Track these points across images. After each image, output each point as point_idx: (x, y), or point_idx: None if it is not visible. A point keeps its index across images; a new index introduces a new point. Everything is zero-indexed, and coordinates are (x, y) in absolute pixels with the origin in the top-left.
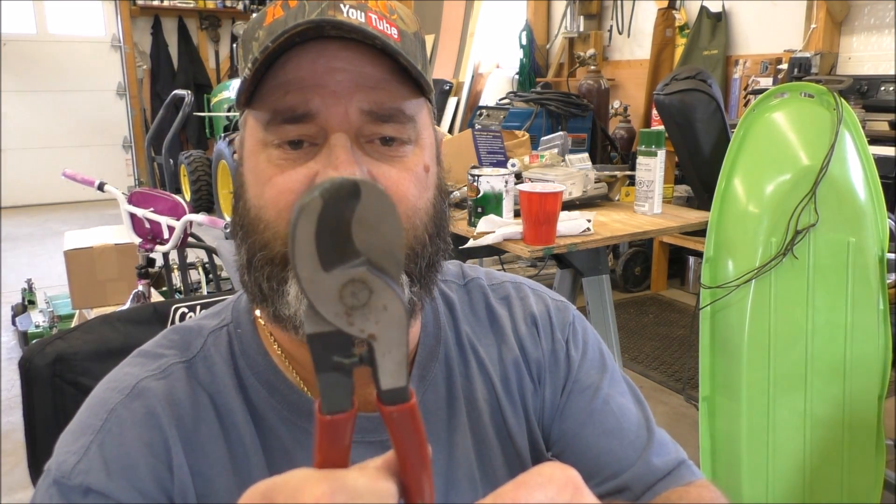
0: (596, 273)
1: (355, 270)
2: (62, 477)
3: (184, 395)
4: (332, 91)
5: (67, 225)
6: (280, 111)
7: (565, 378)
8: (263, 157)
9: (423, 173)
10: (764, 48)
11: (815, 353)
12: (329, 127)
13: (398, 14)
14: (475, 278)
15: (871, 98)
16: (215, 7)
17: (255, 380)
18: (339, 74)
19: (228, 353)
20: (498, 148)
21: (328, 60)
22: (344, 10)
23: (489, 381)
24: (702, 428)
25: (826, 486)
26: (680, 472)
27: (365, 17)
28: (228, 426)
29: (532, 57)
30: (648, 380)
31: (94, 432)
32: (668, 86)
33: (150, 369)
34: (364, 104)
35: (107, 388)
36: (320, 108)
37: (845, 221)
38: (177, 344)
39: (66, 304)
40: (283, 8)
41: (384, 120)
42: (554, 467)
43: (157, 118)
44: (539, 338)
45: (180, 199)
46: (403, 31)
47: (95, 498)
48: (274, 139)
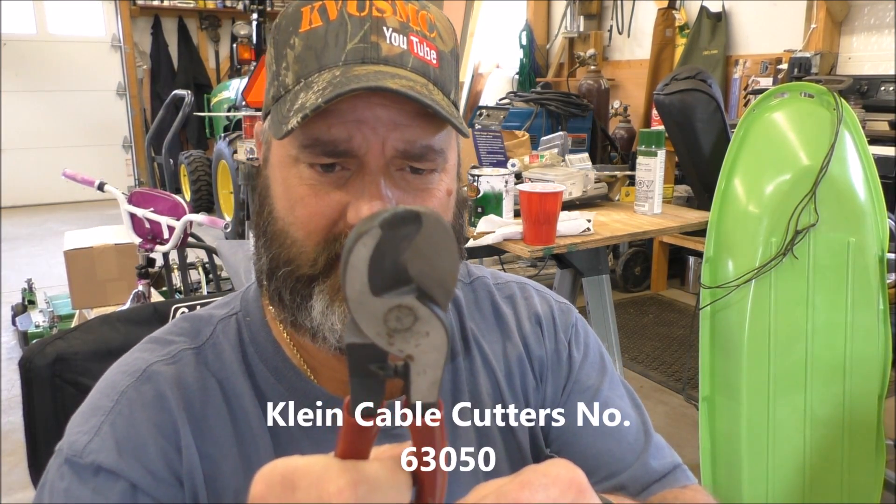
0: (596, 273)
1: (404, 298)
2: (74, 455)
3: (193, 380)
4: (372, 127)
5: (67, 225)
6: (322, 141)
7: (566, 378)
8: (294, 172)
9: (446, 197)
10: (764, 48)
11: (815, 353)
12: (366, 161)
13: (437, 30)
14: (480, 277)
15: (871, 98)
16: (215, 7)
17: (264, 366)
18: (378, 111)
19: (237, 341)
20: (498, 148)
21: (369, 96)
22: (387, 34)
23: (493, 376)
24: (702, 428)
25: (826, 486)
26: (675, 475)
27: (407, 41)
28: (236, 410)
29: (532, 57)
30: (648, 380)
31: (105, 413)
32: (668, 86)
33: (160, 355)
34: (399, 144)
35: (118, 371)
36: (361, 144)
37: (845, 221)
38: (187, 331)
39: (66, 304)
40: (321, 16)
41: (416, 159)
42: (559, 466)
43: (157, 118)
44: (543, 337)
45: (180, 199)
46: (442, 52)
47: (106, 476)
48: (307, 159)
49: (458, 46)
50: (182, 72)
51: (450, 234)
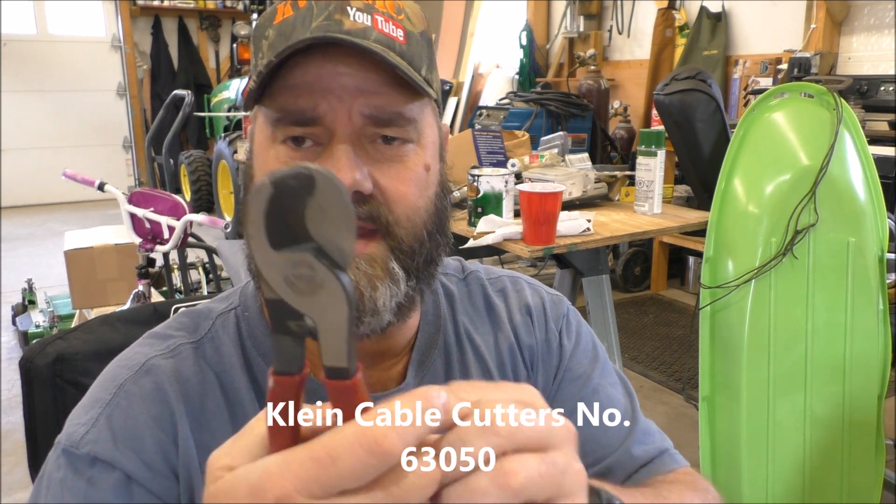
0: (596, 273)
1: (302, 254)
2: (71, 446)
3: (191, 373)
4: (338, 95)
5: (67, 225)
6: (290, 112)
7: (557, 366)
8: (272, 153)
9: (424, 172)
10: (764, 48)
11: (814, 353)
12: (333, 129)
13: (406, 14)
14: (474, 272)
15: (870, 98)
16: (215, 7)
17: (262, 360)
18: (343, 79)
19: (236, 335)
20: (498, 148)
21: (334, 65)
22: (350, 13)
23: (485, 368)
24: (702, 428)
25: (826, 486)
26: (662, 460)
27: (371, 19)
28: (234, 403)
29: (532, 57)
30: (648, 380)
31: (103, 405)
32: (668, 86)
33: (159, 349)
34: (365, 109)
35: (118, 365)
36: (326, 112)
37: (845, 221)
38: (186, 326)
39: (66, 304)
40: (292, 7)
41: (384, 124)
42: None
43: (158, 118)
44: (533, 326)
45: (180, 199)
46: (410, 31)
47: (102, 467)
48: (281, 136)
49: (429, 30)
50: (182, 72)
51: (345, 200)
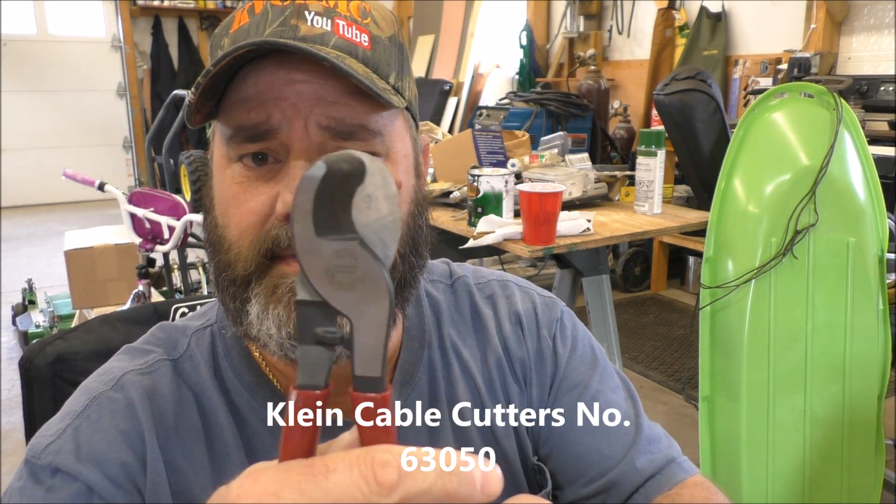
0: (596, 273)
1: (346, 244)
2: (33, 457)
3: (168, 392)
4: (292, 104)
5: (67, 225)
6: (243, 127)
7: (552, 376)
8: (229, 173)
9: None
10: (764, 48)
11: (814, 353)
12: (290, 143)
13: (372, 17)
14: (462, 276)
15: (870, 98)
16: (215, 7)
17: (238, 382)
18: (299, 86)
19: (210, 354)
20: (498, 148)
21: (288, 72)
22: (308, 17)
23: (473, 384)
24: (702, 428)
25: (826, 486)
26: (670, 471)
27: (332, 23)
28: (211, 426)
29: (532, 57)
30: (648, 380)
31: (73, 417)
32: (668, 86)
33: (136, 364)
34: (323, 119)
35: (95, 378)
36: (281, 123)
37: (845, 221)
38: (163, 342)
39: (66, 304)
40: (248, 14)
41: (346, 137)
42: None
43: (158, 118)
44: (524, 337)
45: (180, 199)
46: (376, 36)
47: (63, 478)
48: (236, 154)
49: (401, 35)
50: (182, 72)
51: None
